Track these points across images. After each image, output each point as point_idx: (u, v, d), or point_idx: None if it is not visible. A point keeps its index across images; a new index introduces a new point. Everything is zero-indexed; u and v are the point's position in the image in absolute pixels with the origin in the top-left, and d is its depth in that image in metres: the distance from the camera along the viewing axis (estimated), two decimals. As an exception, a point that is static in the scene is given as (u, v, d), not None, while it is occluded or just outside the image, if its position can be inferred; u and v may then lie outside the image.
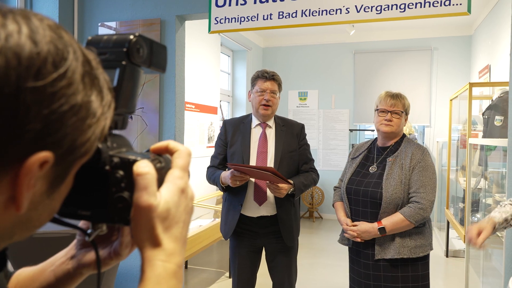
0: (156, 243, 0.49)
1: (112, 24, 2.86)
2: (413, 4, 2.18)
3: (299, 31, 6.51)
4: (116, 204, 0.49)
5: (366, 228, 1.93)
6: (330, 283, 3.84)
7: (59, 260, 0.62)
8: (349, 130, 6.60)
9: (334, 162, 6.64)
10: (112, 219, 0.51)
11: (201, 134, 4.88)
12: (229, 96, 6.34)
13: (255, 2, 2.43)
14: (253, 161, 2.25)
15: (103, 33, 0.56)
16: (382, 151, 2.06)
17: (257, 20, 2.42)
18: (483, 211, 3.63)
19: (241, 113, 6.12)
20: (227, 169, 2.21)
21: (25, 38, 0.37)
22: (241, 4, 2.46)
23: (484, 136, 3.69)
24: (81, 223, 0.60)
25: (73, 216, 0.52)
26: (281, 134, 2.29)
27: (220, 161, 2.33)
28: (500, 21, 4.36)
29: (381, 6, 2.23)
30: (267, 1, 2.41)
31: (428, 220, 2.01)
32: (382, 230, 1.89)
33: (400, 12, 2.20)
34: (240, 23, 2.47)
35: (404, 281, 1.91)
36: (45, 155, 0.38)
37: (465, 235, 1.62)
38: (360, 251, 2.01)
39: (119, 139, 0.53)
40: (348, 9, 2.28)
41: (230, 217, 2.27)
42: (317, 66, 6.73)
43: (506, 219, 1.59)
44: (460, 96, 4.30)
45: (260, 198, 2.22)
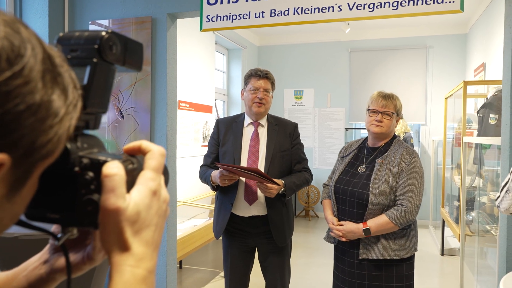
0: (125, 248, 0.47)
1: (103, 22, 2.83)
2: (406, 2, 2.17)
3: (295, 30, 6.50)
4: (85, 207, 0.48)
5: (351, 228, 1.94)
6: (326, 282, 3.83)
7: (32, 265, 0.60)
8: (345, 129, 6.59)
9: (330, 161, 6.63)
10: (81, 223, 0.49)
11: (196, 133, 4.86)
12: (224, 95, 6.32)
13: (247, 0, 2.41)
14: (244, 160, 2.23)
15: (76, 30, 0.54)
16: (372, 152, 2.05)
17: (249, 18, 2.40)
18: (478, 210, 3.63)
19: (237, 112, 6.10)
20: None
21: None
22: (233, 2, 2.44)
23: (479, 135, 3.68)
24: (54, 227, 0.58)
25: (42, 219, 0.50)
26: (273, 133, 2.28)
27: (213, 160, 2.32)
28: (495, 20, 4.35)
29: (374, 4, 2.21)
30: (260, -1, 2.39)
31: (414, 222, 2.02)
32: (367, 231, 1.90)
33: (393, 10, 2.19)
34: (232, 21, 2.45)
35: (388, 281, 1.92)
36: (0, 158, 0.36)
37: None
38: (346, 250, 2.03)
39: (91, 139, 0.51)
40: (341, 7, 2.26)
41: (221, 217, 2.26)
42: (313, 65, 6.71)
43: None
44: (455, 95, 4.30)
45: (251, 198, 2.20)
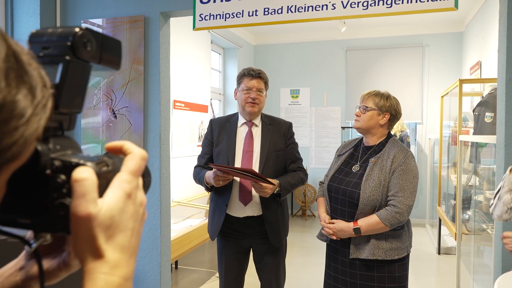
0: (98, 255, 0.45)
1: (96, 21, 2.80)
2: (400, 0, 2.15)
3: (291, 28, 6.48)
4: (57, 212, 0.45)
5: (342, 227, 1.92)
6: (322, 282, 3.81)
7: (8, 272, 0.58)
8: (341, 128, 6.58)
9: (326, 160, 6.62)
10: (53, 228, 0.47)
11: (191, 133, 4.84)
12: (220, 94, 6.30)
13: (240, -2, 2.39)
14: (238, 161, 2.21)
15: (50, 26, 0.52)
16: (366, 151, 2.04)
17: (242, 17, 2.38)
18: (474, 208, 3.62)
19: (233, 111, 6.08)
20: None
21: None
22: (226, 1, 2.42)
23: (475, 133, 3.67)
24: (29, 232, 0.56)
25: (13, 225, 0.48)
26: (268, 133, 2.26)
27: (207, 161, 2.30)
28: (491, 18, 4.34)
29: (368, 2, 2.20)
30: (253, -3, 2.37)
31: (408, 223, 1.99)
32: (357, 231, 1.88)
33: (387, 8, 2.17)
34: (225, 20, 2.43)
35: (380, 281, 1.90)
36: None
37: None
38: (338, 249, 2.01)
39: (65, 141, 0.49)
40: (334, 5, 2.24)
41: (216, 218, 2.24)
42: (309, 64, 6.70)
43: None
44: (451, 93, 4.29)
45: (245, 198, 2.18)
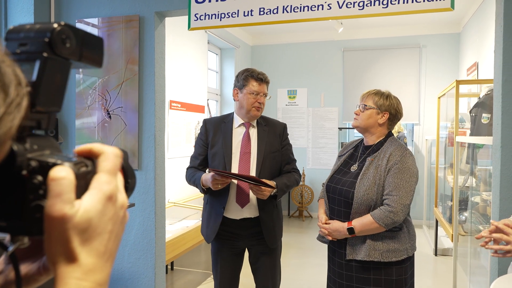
0: (71, 259, 0.43)
1: (90, 21, 2.78)
2: (396, 0, 2.14)
3: (288, 29, 6.47)
4: (33, 214, 0.43)
5: (337, 227, 1.89)
6: (319, 283, 3.80)
7: None
8: (338, 129, 6.57)
9: (324, 161, 6.61)
10: (30, 231, 0.45)
11: (188, 134, 4.82)
12: (217, 95, 6.28)
13: (236, -2, 2.37)
14: (236, 162, 2.18)
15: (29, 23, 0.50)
16: (365, 150, 2.01)
17: (238, 17, 2.36)
18: (471, 210, 3.61)
19: (230, 112, 6.07)
20: (208, 171, 2.16)
21: None
22: (221, 0, 2.40)
23: (472, 134, 3.67)
24: (8, 235, 0.54)
25: None
26: (264, 134, 2.25)
27: (201, 162, 2.27)
28: (488, 19, 4.34)
29: (364, 2, 2.18)
30: (248, -3, 2.35)
31: (408, 225, 1.93)
32: (351, 231, 1.84)
33: (383, 8, 2.16)
34: (221, 20, 2.41)
35: (376, 284, 1.86)
36: None
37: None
38: (335, 250, 1.99)
39: (43, 141, 0.47)
40: (330, 5, 2.23)
41: (213, 220, 2.20)
42: (306, 64, 6.69)
43: None
44: (448, 94, 4.28)
45: (243, 200, 2.17)
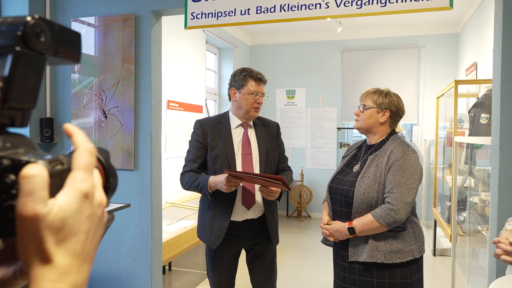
0: (45, 260, 0.41)
1: (86, 20, 2.76)
2: (394, -1, 2.12)
3: (286, 29, 6.45)
4: (6, 215, 0.41)
5: (338, 228, 1.85)
6: (318, 284, 3.78)
7: None
8: (337, 129, 6.55)
9: (322, 161, 6.59)
10: (2, 233, 0.43)
11: (186, 134, 4.79)
12: (216, 95, 6.26)
13: (233, -3, 2.35)
14: (239, 164, 2.16)
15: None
16: (368, 150, 1.97)
17: (235, 15, 2.34)
18: (469, 210, 3.60)
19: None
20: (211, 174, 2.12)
21: None
22: (218, -1, 2.38)
23: (471, 134, 3.65)
24: None
25: None
26: (262, 134, 2.24)
27: (199, 165, 2.19)
28: (487, 19, 4.33)
29: (362, 1, 2.16)
30: (246, -4, 2.33)
31: (413, 224, 1.87)
32: (352, 230, 1.80)
33: (381, 7, 2.14)
34: (217, 18, 2.39)
35: None
36: None
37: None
38: (338, 252, 1.94)
39: (17, 138, 0.45)
40: (328, 4, 2.20)
41: (217, 224, 2.13)
42: (305, 64, 6.67)
43: None
44: (447, 94, 4.27)
45: (249, 202, 2.14)
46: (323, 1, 2.22)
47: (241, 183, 2.07)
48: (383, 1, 2.14)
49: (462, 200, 3.90)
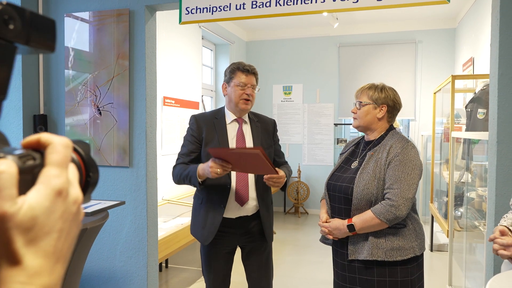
0: (14, 261, 0.38)
1: (80, 15, 2.72)
2: (391, -7, 2.10)
3: (283, 24, 6.41)
4: None
5: (337, 225, 1.80)
6: (315, 280, 3.78)
7: None
8: (334, 125, 6.53)
9: (319, 157, 6.58)
10: None
11: (182, 130, 4.77)
12: (212, 91, 6.23)
13: (228, -9, 2.32)
14: None
15: None
16: (366, 146, 1.93)
17: (230, 10, 2.31)
18: (466, 205, 3.60)
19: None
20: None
21: None
22: (213, -7, 2.35)
23: (468, 129, 3.64)
24: None
25: None
26: (257, 130, 2.22)
27: (192, 160, 2.16)
28: (483, 14, 4.31)
29: (358, -5, 2.14)
30: (241, -10, 2.30)
31: (413, 221, 1.83)
32: (351, 228, 1.76)
33: (377, 1, 2.11)
34: (212, 13, 2.36)
35: (381, 286, 1.76)
36: None
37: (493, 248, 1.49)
38: (338, 251, 1.90)
39: None
40: (324, -2, 2.18)
41: (210, 221, 2.11)
42: (302, 60, 6.64)
43: None
44: (444, 89, 4.25)
45: (242, 198, 2.12)
46: (319, -5, 2.20)
47: (229, 170, 1.95)
48: (380, -5, 2.12)
49: (459, 196, 3.90)
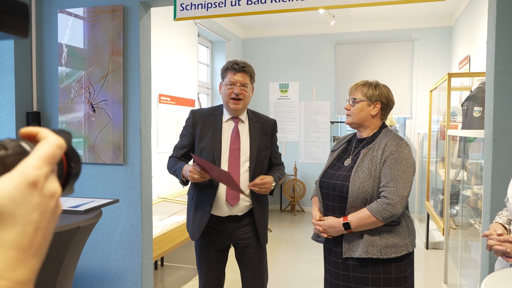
0: None
1: (73, 11, 2.69)
2: (387, -11, 2.08)
3: (279, 22, 6.39)
4: None
5: (332, 223, 1.79)
6: (311, 278, 3.77)
7: None
8: (331, 122, 6.53)
9: (316, 155, 6.57)
10: None
11: (178, 128, 4.74)
12: (208, 89, 6.20)
13: (223, -13, 2.30)
14: (225, 158, 2.11)
15: None
16: (359, 143, 1.92)
17: (225, 6, 2.29)
18: (462, 203, 3.60)
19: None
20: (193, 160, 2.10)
21: None
22: (208, -11, 2.33)
23: (464, 128, 3.64)
24: None
25: None
26: (255, 131, 2.17)
27: (184, 154, 2.18)
28: (480, 12, 4.31)
29: (354, -9, 2.12)
30: (236, -13, 2.28)
31: (406, 218, 1.84)
32: (347, 226, 1.75)
33: (374, -2, 2.10)
34: (207, 10, 2.34)
35: (375, 284, 1.76)
36: None
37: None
38: (331, 249, 1.89)
39: None
40: (320, -5, 2.16)
41: (199, 217, 2.13)
42: (298, 58, 6.62)
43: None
44: (440, 87, 4.25)
45: (233, 198, 2.11)
46: (315, -8, 2.18)
47: (207, 178, 1.99)
48: (376, -8, 2.10)
49: (455, 194, 3.90)
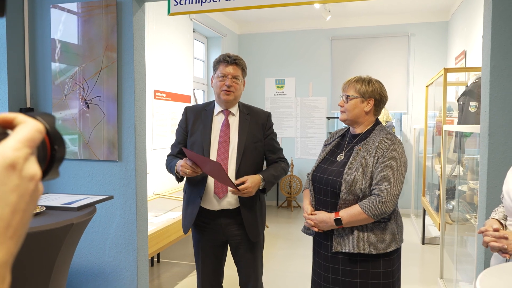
0: None
1: (66, 6, 2.66)
2: (383, -17, 2.06)
3: (275, 17, 6.36)
4: None
5: (323, 218, 1.82)
6: (308, 274, 3.75)
7: None
8: (327, 118, 6.52)
9: (312, 151, 6.57)
10: None
11: (173, 124, 4.72)
12: (204, 84, 6.18)
13: (217, -18, 2.27)
14: (214, 151, 2.12)
15: None
16: (353, 139, 1.93)
17: (219, 1, 2.27)
18: (458, 199, 3.60)
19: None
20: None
21: None
22: (202, -16, 2.30)
23: (460, 123, 3.63)
24: None
25: None
26: (245, 123, 2.17)
27: (179, 150, 2.21)
28: (476, 7, 4.30)
29: (350, -14, 2.10)
30: (231, -19, 2.25)
31: (396, 215, 1.88)
32: (338, 222, 1.78)
33: (369, -8, 2.08)
34: (202, 4, 2.31)
35: (363, 277, 1.80)
36: None
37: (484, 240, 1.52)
38: (321, 242, 1.92)
39: None
40: (315, -11, 2.14)
41: (190, 210, 2.17)
42: (294, 53, 6.60)
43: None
44: (436, 82, 4.25)
45: (221, 191, 2.11)
46: (310, -14, 2.16)
47: (199, 172, 2.00)
48: (372, -14, 2.08)
49: (451, 189, 3.90)
